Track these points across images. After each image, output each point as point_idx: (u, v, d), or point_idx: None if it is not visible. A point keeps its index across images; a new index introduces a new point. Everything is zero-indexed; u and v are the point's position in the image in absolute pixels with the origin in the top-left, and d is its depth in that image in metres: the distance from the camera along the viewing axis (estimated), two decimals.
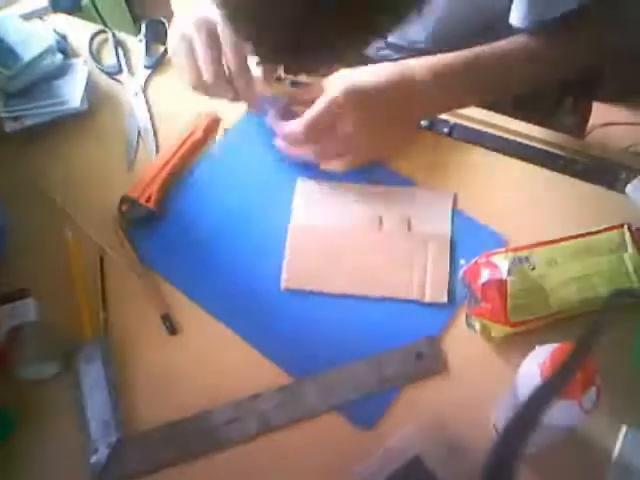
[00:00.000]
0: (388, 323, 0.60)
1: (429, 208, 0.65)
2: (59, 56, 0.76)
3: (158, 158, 0.70)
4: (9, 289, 0.62)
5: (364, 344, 0.59)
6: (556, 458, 0.52)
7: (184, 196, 0.69)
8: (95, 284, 0.63)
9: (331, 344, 0.59)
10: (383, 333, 0.59)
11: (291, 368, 0.58)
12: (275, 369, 0.58)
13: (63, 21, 0.82)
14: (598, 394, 0.44)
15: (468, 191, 0.66)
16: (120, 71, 0.78)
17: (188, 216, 0.68)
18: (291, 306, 0.61)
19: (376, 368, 0.57)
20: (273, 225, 0.65)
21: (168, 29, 0.74)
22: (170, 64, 0.77)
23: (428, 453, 0.52)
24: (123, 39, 0.81)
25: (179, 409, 0.57)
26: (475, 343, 0.58)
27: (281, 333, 0.60)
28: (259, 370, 0.58)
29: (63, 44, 0.78)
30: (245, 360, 0.59)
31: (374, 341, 0.59)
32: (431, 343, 0.58)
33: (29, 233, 0.67)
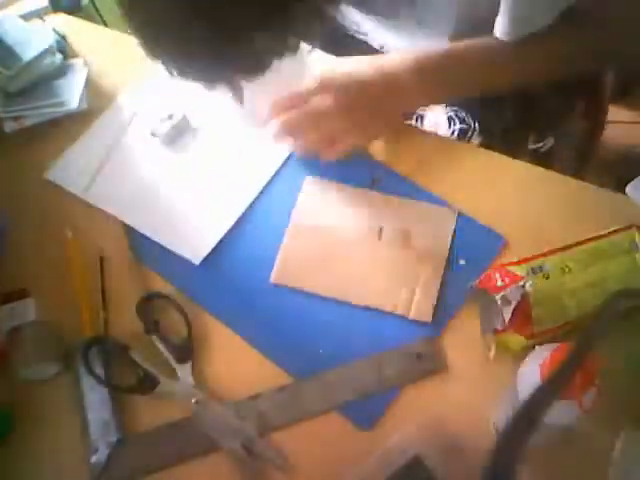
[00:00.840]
0: (388, 323, 0.59)
1: (431, 224, 0.64)
2: (59, 56, 0.76)
3: None
4: (9, 289, 0.62)
5: (364, 344, 0.58)
6: (556, 458, 0.52)
7: None
8: (95, 284, 0.63)
9: (331, 344, 0.59)
10: (383, 333, 0.59)
11: (291, 368, 0.58)
12: (275, 369, 0.58)
13: (63, 21, 0.82)
14: (598, 394, 0.44)
15: (468, 191, 0.66)
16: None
17: None
18: (292, 306, 0.61)
19: (376, 368, 0.57)
20: (273, 224, 0.65)
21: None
22: None
23: (428, 453, 0.52)
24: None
25: (179, 409, 0.57)
26: (475, 343, 0.58)
27: (281, 333, 0.60)
28: (259, 370, 0.58)
29: (63, 44, 0.78)
30: (245, 360, 0.59)
31: (374, 341, 0.59)
32: (431, 343, 0.58)
33: (29, 233, 0.67)
